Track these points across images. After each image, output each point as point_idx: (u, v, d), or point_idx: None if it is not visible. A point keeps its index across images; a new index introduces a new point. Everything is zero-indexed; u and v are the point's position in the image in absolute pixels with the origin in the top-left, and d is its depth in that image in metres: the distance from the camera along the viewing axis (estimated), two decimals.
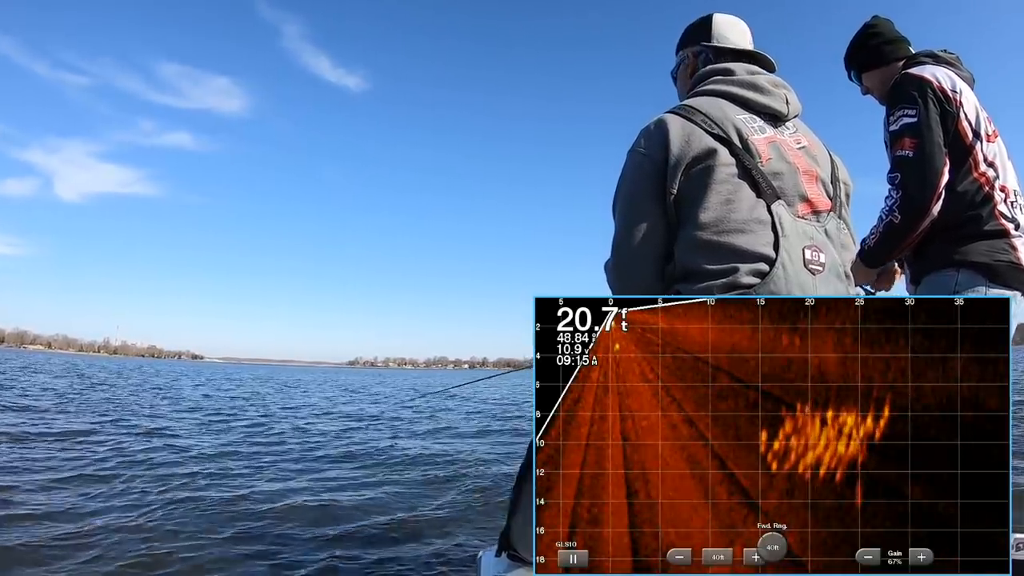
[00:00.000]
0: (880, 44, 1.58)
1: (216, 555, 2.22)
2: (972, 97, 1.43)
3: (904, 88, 1.43)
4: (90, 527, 2.49)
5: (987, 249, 1.36)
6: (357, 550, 2.36)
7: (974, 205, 1.38)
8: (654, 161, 0.94)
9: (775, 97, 1.03)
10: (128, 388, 12.87)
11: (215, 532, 2.49)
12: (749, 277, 0.85)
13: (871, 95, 1.63)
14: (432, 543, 2.47)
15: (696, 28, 1.17)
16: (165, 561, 2.14)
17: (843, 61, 1.67)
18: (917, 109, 1.38)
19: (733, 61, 1.08)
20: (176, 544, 2.32)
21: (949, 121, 1.38)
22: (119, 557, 2.17)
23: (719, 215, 0.89)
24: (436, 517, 2.86)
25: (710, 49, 1.13)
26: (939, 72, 1.43)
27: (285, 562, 2.20)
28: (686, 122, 0.95)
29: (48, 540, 2.30)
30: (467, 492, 3.38)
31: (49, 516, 2.63)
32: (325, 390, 16.71)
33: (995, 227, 1.37)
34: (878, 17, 1.63)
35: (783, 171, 0.95)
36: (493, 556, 1.16)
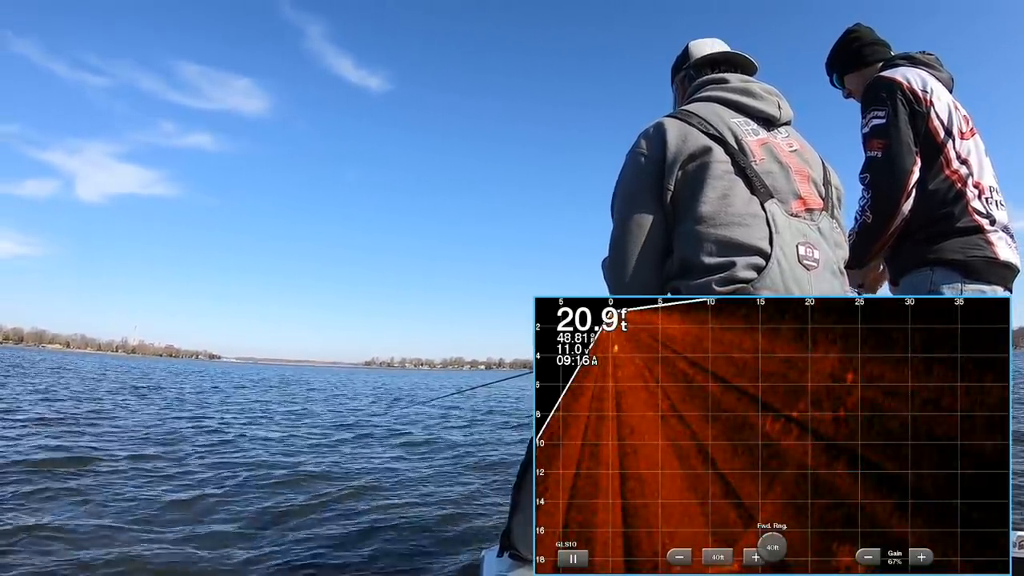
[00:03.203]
0: (860, 47, 1.62)
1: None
2: (946, 96, 1.45)
3: (874, 91, 1.46)
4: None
5: (961, 246, 1.36)
6: (357, 550, 2.37)
7: (946, 203, 1.39)
8: (652, 160, 0.97)
9: (768, 102, 1.06)
10: (221, 393, 12.50)
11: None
12: (746, 271, 0.86)
13: (853, 98, 1.64)
14: (433, 543, 2.47)
15: (678, 59, 1.26)
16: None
17: (825, 66, 1.71)
18: (886, 111, 1.41)
19: (715, 68, 1.15)
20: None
21: (919, 121, 1.41)
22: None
23: (716, 209, 0.90)
24: (437, 517, 2.87)
25: (691, 67, 1.19)
26: (910, 73, 1.45)
27: (285, 560, 2.21)
28: (683, 123, 0.98)
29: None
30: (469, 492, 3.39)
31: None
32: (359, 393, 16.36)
33: (968, 223, 1.37)
34: (860, 24, 1.67)
35: (776, 171, 0.97)
36: (495, 556, 1.16)
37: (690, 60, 1.20)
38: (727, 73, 1.12)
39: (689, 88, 1.15)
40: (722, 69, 1.15)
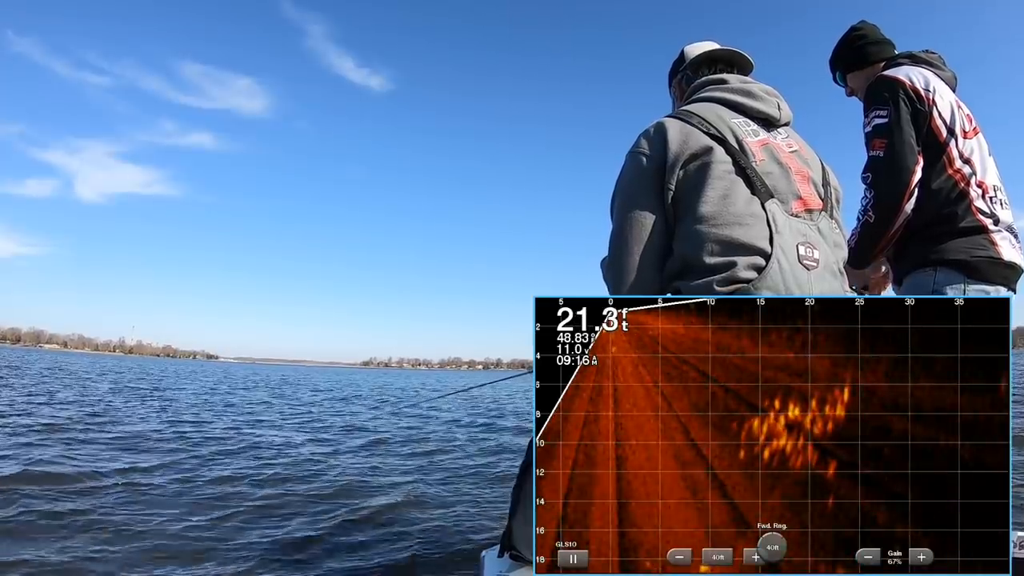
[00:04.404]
0: (864, 45, 1.61)
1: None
2: (949, 95, 1.44)
3: (877, 90, 1.45)
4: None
5: (964, 246, 1.36)
6: (357, 551, 2.37)
7: (949, 202, 1.39)
8: (653, 160, 0.97)
9: (767, 103, 1.06)
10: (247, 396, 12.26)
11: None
12: (747, 271, 0.86)
13: (856, 96, 1.64)
14: (433, 544, 2.47)
15: (674, 63, 1.27)
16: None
17: (828, 63, 1.70)
18: (888, 110, 1.40)
19: (712, 68, 1.15)
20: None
21: (921, 120, 1.40)
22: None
23: (717, 208, 0.90)
24: (437, 518, 2.87)
25: (688, 67, 1.20)
26: (913, 72, 1.45)
27: (280, 559, 2.21)
28: (683, 124, 0.98)
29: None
30: (470, 491, 3.39)
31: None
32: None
33: (972, 223, 1.37)
34: (864, 21, 1.66)
35: (776, 171, 0.97)
36: (496, 556, 1.16)
37: (686, 62, 1.21)
38: (725, 73, 1.12)
39: (688, 89, 1.16)
40: (719, 68, 1.15)
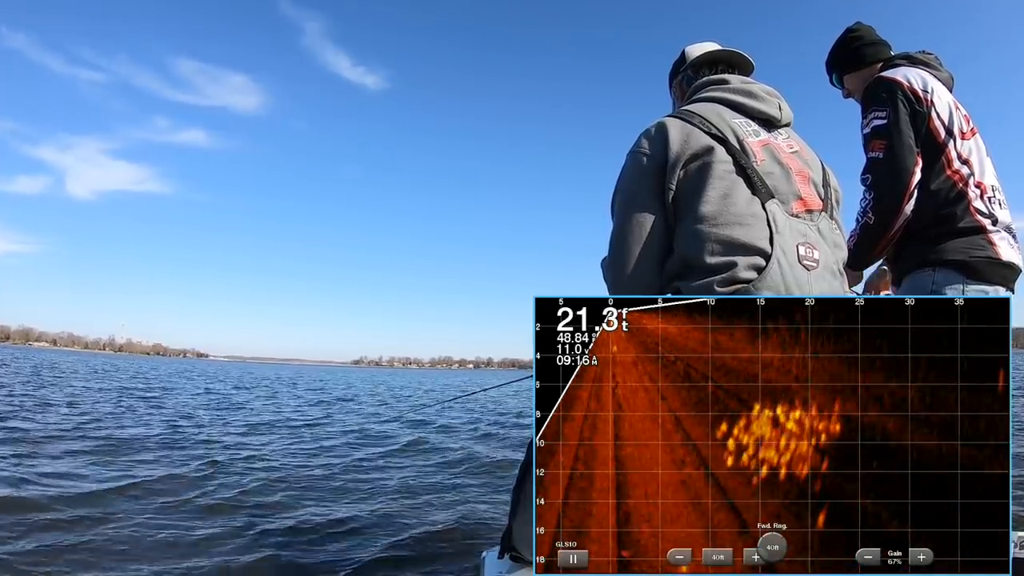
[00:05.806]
0: (861, 47, 1.61)
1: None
2: (946, 96, 1.45)
3: (875, 91, 1.46)
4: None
5: (963, 246, 1.36)
6: (357, 551, 2.37)
7: (948, 203, 1.39)
8: (654, 159, 0.97)
9: (768, 103, 1.07)
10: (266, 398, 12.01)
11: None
12: (747, 271, 0.86)
13: (853, 98, 1.64)
14: (433, 544, 2.47)
15: (675, 64, 1.27)
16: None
17: (825, 65, 1.70)
18: (887, 111, 1.40)
19: (713, 68, 1.15)
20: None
21: (920, 121, 1.40)
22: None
23: (718, 208, 0.90)
24: (437, 518, 2.86)
25: (689, 68, 1.20)
26: (910, 73, 1.45)
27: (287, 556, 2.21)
28: (685, 123, 0.98)
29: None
30: (470, 492, 3.39)
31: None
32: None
33: (970, 224, 1.37)
34: (860, 23, 1.66)
35: (776, 172, 0.97)
36: (496, 557, 1.16)
37: (687, 62, 1.21)
38: (726, 74, 1.13)
39: (688, 89, 1.16)
40: (720, 69, 1.16)
